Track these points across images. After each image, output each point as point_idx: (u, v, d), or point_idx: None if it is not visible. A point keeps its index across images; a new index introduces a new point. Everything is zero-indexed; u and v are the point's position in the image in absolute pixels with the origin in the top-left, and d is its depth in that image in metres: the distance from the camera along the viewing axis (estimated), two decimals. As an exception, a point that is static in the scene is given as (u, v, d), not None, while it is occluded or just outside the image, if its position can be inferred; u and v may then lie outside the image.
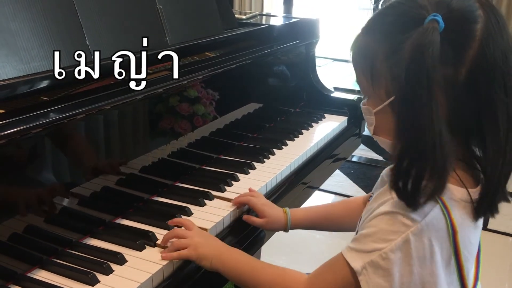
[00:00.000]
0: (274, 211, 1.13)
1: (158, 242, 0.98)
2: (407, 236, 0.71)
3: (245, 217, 1.12)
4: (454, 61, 0.69)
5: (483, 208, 0.75)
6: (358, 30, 0.81)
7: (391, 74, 0.73)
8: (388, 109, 0.76)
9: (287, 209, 1.14)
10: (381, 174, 0.87)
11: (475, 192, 0.75)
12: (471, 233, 0.76)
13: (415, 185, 0.70)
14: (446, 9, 0.70)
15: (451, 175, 0.72)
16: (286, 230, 1.14)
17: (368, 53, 0.77)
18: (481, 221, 0.78)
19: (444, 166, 0.69)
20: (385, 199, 0.76)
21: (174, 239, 0.96)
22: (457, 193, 0.74)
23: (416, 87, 0.67)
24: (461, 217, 0.74)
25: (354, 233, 0.86)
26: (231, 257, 0.93)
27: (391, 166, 0.75)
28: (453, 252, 0.73)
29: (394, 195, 0.74)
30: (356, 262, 0.74)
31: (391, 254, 0.71)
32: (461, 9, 0.70)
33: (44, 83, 0.94)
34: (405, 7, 0.73)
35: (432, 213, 0.71)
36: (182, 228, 1.00)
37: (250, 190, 1.20)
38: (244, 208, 1.16)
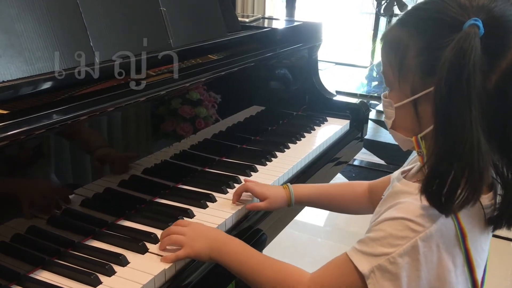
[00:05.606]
0: (274, 190, 1.13)
1: (160, 244, 0.98)
2: (415, 241, 0.70)
3: (248, 206, 1.13)
4: (486, 68, 0.68)
5: (504, 220, 0.74)
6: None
7: (421, 71, 0.73)
8: (410, 106, 0.76)
9: (288, 184, 1.14)
10: (392, 176, 0.86)
11: (486, 198, 0.74)
12: (483, 239, 0.76)
13: (450, 192, 0.68)
14: (487, 14, 0.68)
15: None
16: (290, 205, 1.13)
17: (399, 46, 0.76)
18: (491, 228, 0.77)
19: (481, 175, 0.67)
20: (392, 203, 0.76)
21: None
22: None
23: (455, 91, 0.66)
24: (470, 223, 0.73)
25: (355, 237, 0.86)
26: (229, 248, 0.92)
27: (402, 168, 0.73)
28: (465, 258, 0.73)
29: (401, 199, 0.74)
30: (364, 266, 0.74)
31: (399, 259, 0.71)
32: (502, 17, 0.69)
33: (48, 84, 0.94)
34: (444, 4, 0.71)
35: (441, 219, 0.71)
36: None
37: (245, 180, 1.22)
38: (244, 207, 1.16)
